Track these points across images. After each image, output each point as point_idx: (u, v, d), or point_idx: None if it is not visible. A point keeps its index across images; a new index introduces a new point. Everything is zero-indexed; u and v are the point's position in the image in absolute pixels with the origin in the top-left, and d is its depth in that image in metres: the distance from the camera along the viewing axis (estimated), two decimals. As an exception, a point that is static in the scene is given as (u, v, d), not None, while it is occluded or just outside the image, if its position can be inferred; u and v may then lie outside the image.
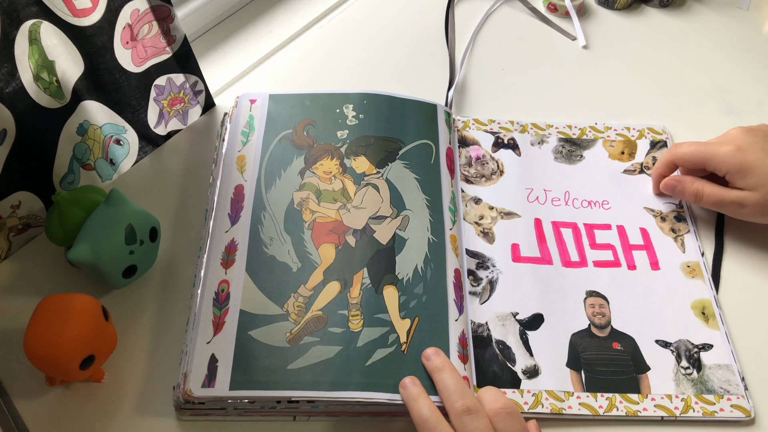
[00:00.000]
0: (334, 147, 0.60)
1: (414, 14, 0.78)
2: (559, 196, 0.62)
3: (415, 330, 0.50)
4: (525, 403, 0.49)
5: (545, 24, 0.78)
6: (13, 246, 0.57)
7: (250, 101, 0.63)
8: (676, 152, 0.59)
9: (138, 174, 0.63)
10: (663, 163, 0.60)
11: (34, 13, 0.48)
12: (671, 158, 0.60)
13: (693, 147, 0.58)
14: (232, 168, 0.58)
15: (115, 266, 0.51)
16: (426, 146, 0.61)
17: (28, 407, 0.49)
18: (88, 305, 0.47)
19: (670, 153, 0.60)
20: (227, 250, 0.53)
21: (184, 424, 0.49)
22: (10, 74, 0.48)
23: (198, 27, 0.74)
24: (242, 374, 0.47)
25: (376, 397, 0.46)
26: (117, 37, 0.54)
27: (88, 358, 0.46)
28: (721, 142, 0.57)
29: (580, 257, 0.58)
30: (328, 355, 0.48)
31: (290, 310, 0.51)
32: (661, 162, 0.61)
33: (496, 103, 0.69)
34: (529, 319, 0.54)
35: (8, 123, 0.49)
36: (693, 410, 0.50)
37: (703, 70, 0.73)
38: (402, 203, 0.57)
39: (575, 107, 0.69)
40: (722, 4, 0.80)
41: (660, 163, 0.61)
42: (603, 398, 0.50)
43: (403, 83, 0.71)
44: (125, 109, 0.59)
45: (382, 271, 0.53)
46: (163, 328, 0.53)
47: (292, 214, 0.56)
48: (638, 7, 0.80)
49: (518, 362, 0.52)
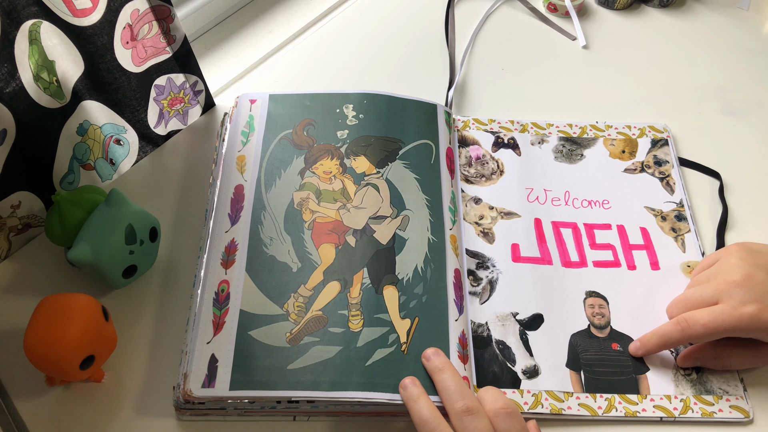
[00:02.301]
0: (334, 147, 0.60)
1: (414, 14, 0.78)
2: (559, 195, 0.62)
3: (415, 330, 0.50)
4: (525, 404, 0.49)
5: (545, 24, 0.78)
6: (13, 246, 0.57)
7: (250, 101, 0.63)
8: (688, 333, 0.49)
9: (138, 174, 0.63)
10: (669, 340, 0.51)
11: (34, 13, 0.48)
12: (681, 337, 0.50)
13: (707, 321, 0.48)
14: (232, 168, 0.58)
15: (115, 266, 0.51)
16: (426, 146, 0.61)
17: (28, 407, 0.49)
18: (88, 305, 0.47)
19: (680, 333, 0.49)
20: (227, 250, 0.53)
21: (184, 424, 0.49)
22: (10, 74, 0.48)
23: (198, 27, 0.74)
24: (242, 374, 0.47)
25: (376, 397, 0.46)
26: (117, 37, 0.54)
27: (88, 358, 0.46)
28: (739, 302, 0.47)
29: (580, 257, 0.58)
30: (328, 355, 0.48)
31: (290, 310, 0.51)
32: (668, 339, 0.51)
33: (496, 103, 0.69)
34: (529, 320, 0.54)
35: (8, 123, 0.49)
36: (692, 411, 0.50)
37: (703, 70, 0.73)
38: (402, 203, 0.57)
39: (575, 107, 0.69)
40: (722, 4, 0.80)
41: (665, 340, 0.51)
42: (602, 399, 0.50)
43: (403, 83, 0.71)
44: (125, 109, 0.59)
45: (382, 271, 0.53)
46: (163, 328, 0.53)
47: (292, 214, 0.56)
48: (638, 7, 0.80)
49: (518, 362, 0.52)
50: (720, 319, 0.48)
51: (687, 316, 0.49)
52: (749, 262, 0.50)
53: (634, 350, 0.52)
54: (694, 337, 0.49)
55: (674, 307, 0.53)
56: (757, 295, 0.47)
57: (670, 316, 0.53)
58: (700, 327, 0.48)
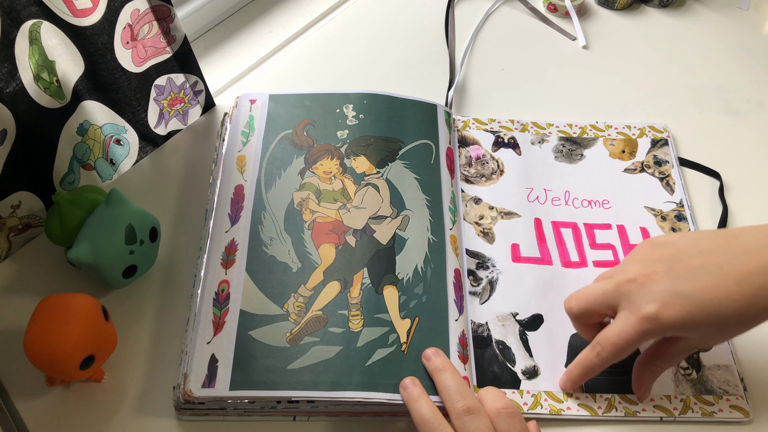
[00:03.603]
0: (334, 147, 0.60)
1: (414, 14, 0.78)
2: (559, 195, 0.62)
3: (415, 330, 0.50)
4: (524, 404, 0.49)
5: (545, 24, 0.78)
6: (13, 246, 0.57)
7: (250, 101, 0.63)
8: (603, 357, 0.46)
9: (138, 174, 0.63)
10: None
11: (35, 13, 0.48)
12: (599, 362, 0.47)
13: (615, 339, 0.46)
14: (232, 168, 0.58)
15: (115, 266, 0.51)
16: (426, 146, 0.61)
17: (28, 407, 0.49)
18: (88, 305, 0.47)
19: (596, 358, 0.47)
20: (227, 250, 0.53)
21: (184, 424, 0.49)
22: (11, 74, 0.48)
23: (198, 27, 0.74)
24: (242, 374, 0.47)
25: (376, 397, 0.46)
26: (117, 37, 0.54)
27: (88, 358, 0.46)
28: (637, 305, 0.45)
29: (580, 257, 0.58)
30: (328, 355, 0.48)
31: (290, 310, 0.51)
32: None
33: (496, 103, 0.69)
34: (528, 320, 0.54)
35: (8, 123, 0.49)
36: (692, 411, 0.50)
37: (703, 70, 0.73)
38: (402, 203, 0.57)
39: (575, 107, 0.69)
40: (722, 4, 0.80)
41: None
42: (602, 399, 0.50)
43: (403, 83, 0.71)
44: (125, 109, 0.59)
45: (382, 271, 0.53)
46: (163, 328, 0.53)
47: (292, 214, 0.56)
48: (638, 7, 0.80)
49: (518, 363, 0.52)
50: (625, 332, 0.45)
51: (599, 339, 0.47)
52: (650, 259, 0.46)
53: (563, 386, 0.50)
54: (610, 358, 0.46)
55: (571, 299, 0.49)
56: (656, 293, 0.44)
57: (566, 308, 0.49)
58: (611, 347, 0.45)
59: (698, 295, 0.43)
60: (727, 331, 0.44)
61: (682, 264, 0.44)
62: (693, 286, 0.43)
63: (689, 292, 0.43)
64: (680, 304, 0.43)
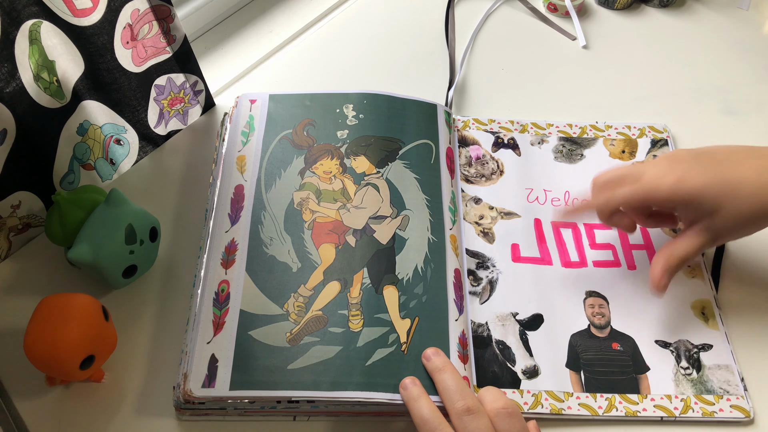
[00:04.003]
0: (334, 147, 0.60)
1: (414, 14, 0.78)
2: (559, 196, 0.62)
3: (415, 330, 0.50)
4: (525, 404, 0.49)
5: (545, 24, 0.78)
6: (13, 246, 0.57)
7: (250, 101, 0.63)
8: (615, 198, 0.52)
9: (138, 174, 0.63)
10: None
11: (35, 13, 0.48)
12: (604, 202, 0.53)
13: (630, 188, 0.51)
14: (232, 168, 0.58)
15: (115, 266, 0.51)
16: (426, 146, 0.61)
17: (28, 407, 0.49)
18: (88, 305, 0.47)
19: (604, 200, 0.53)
20: (227, 250, 0.53)
21: (184, 424, 0.49)
22: (11, 74, 0.48)
23: (198, 27, 0.74)
24: (242, 374, 0.47)
25: (376, 397, 0.46)
26: (117, 37, 0.54)
27: (88, 358, 0.46)
28: (663, 171, 0.50)
29: (579, 257, 0.58)
30: (328, 355, 0.48)
31: (290, 310, 0.51)
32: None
33: (496, 103, 0.69)
34: (528, 320, 0.54)
35: (8, 123, 0.49)
36: (692, 410, 0.50)
37: (703, 70, 0.73)
38: (402, 203, 0.57)
39: (575, 107, 0.69)
40: (722, 4, 0.80)
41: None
42: (602, 398, 0.50)
43: (403, 83, 0.71)
44: (125, 109, 0.59)
45: (382, 271, 0.53)
46: (163, 328, 0.53)
47: (292, 214, 0.56)
48: (638, 7, 0.80)
49: (518, 362, 0.52)
50: (644, 182, 0.50)
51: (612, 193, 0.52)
52: (675, 153, 0.52)
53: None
54: (618, 197, 0.51)
55: (599, 176, 0.54)
56: (678, 167, 0.49)
57: (593, 180, 0.54)
58: (627, 190, 0.51)
59: (719, 172, 0.48)
60: (741, 216, 0.48)
61: (707, 155, 0.50)
62: (715, 166, 0.49)
63: (711, 168, 0.49)
64: (700, 175, 0.48)
